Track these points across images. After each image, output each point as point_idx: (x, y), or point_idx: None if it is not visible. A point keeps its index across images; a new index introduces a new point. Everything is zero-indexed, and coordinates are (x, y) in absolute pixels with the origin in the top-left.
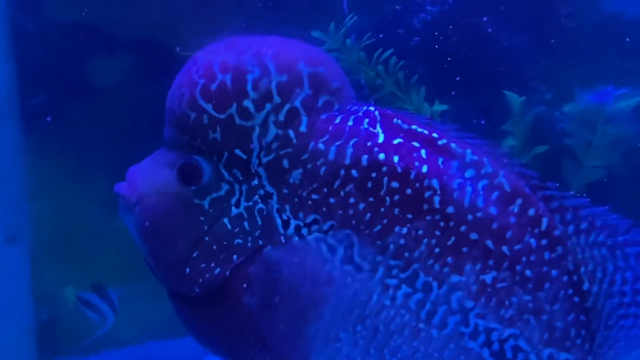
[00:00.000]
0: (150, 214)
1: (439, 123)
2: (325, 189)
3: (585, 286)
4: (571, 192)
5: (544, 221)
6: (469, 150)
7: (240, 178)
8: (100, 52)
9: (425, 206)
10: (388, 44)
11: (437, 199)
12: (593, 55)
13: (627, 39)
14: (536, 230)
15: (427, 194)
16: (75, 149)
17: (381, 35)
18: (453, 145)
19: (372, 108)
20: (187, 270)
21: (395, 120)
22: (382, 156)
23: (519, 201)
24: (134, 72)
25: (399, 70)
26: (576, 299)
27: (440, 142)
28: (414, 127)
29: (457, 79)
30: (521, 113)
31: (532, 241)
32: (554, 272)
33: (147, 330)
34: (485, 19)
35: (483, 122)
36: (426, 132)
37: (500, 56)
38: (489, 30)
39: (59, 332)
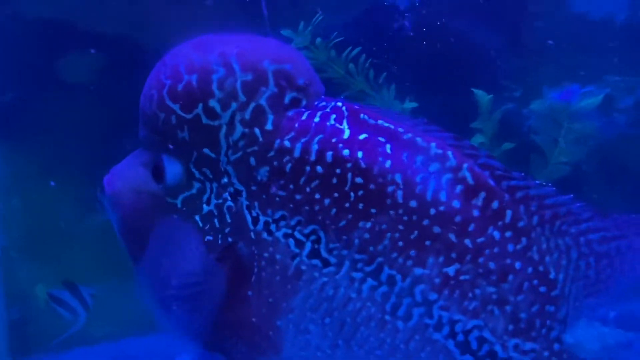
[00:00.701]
0: (127, 212)
1: (407, 117)
2: (291, 186)
3: (552, 275)
4: (536, 181)
5: (508, 213)
6: (433, 144)
7: (211, 176)
8: (71, 49)
9: (389, 201)
10: (360, 43)
11: (400, 193)
12: (561, 54)
13: (594, 39)
14: (500, 223)
15: (390, 189)
16: (46, 146)
17: (353, 34)
18: (418, 139)
19: (339, 104)
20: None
21: (362, 115)
22: (346, 152)
23: (482, 194)
24: (105, 69)
25: (370, 68)
26: (542, 289)
27: (405, 137)
28: (380, 122)
29: (430, 77)
30: (489, 110)
31: (496, 234)
32: (517, 264)
33: (120, 328)
34: (457, 18)
35: (454, 119)
36: (392, 126)
37: (472, 55)
38: (461, 29)
39: (31, 330)
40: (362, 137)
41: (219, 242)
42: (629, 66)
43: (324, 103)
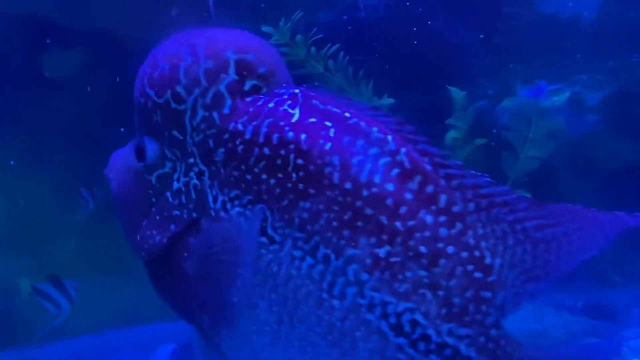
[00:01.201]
0: (117, 189)
1: (357, 103)
2: (242, 166)
3: (488, 260)
4: (472, 171)
5: (443, 198)
6: (375, 129)
7: (180, 156)
8: (53, 45)
9: (326, 182)
10: (339, 40)
11: (336, 175)
12: (533, 53)
13: (563, 38)
14: (433, 207)
15: (327, 170)
16: (29, 141)
17: (333, 31)
18: (362, 124)
19: (297, 91)
20: (138, 237)
21: (314, 101)
22: (291, 135)
23: (417, 178)
24: (87, 65)
25: (349, 65)
26: (478, 274)
27: (351, 121)
28: (330, 107)
29: (408, 74)
30: (463, 107)
31: (429, 217)
32: (450, 249)
33: (104, 320)
34: (434, 19)
35: (431, 116)
36: (340, 111)
37: (448, 54)
38: (438, 29)
39: (15, 322)
40: (309, 121)
41: (185, 216)
42: (596, 65)
43: (283, 90)
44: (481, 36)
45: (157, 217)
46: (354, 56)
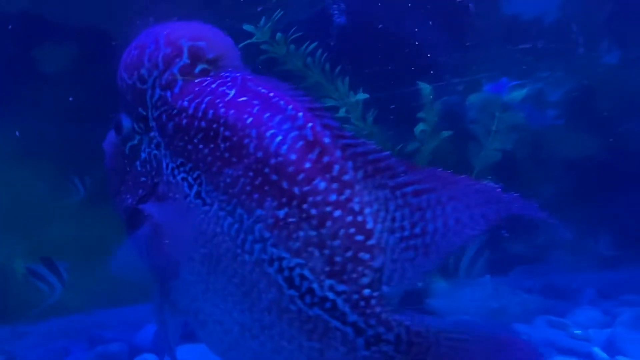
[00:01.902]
0: (106, 159)
1: (283, 86)
2: (186, 137)
3: (369, 225)
4: (363, 140)
5: (336, 167)
6: (290, 107)
7: (144, 130)
8: (45, 41)
9: (244, 151)
10: (316, 38)
11: (252, 145)
12: (499, 51)
13: (527, 37)
14: (327, 175)
15: (246, 141)
16: (24, 130)
17: (311, 30)
18: (282, 102)
19: (238, 74)
20: (117, 199)
21: (249, 84)
22: (222, 110)
23: (317, 149)
24: (79, 59)
25: (326, 62)
26: (359, 237)
27: (273, 100)
28: (260, 89)
29: (384, 71)
30: (431, 101)
31: (322, 184)
32: (337, 213)
33: (94, 300)
34: (408, 17)
35: (405, 110)
36: (267, 92)
37: (420, 51)
38: (413, 28)
39: (10, 301)
40: (240, 99)
41: (149, 182)
42: (557, 62)
43: (227, 74)
44: (453, 36)
45: (130, 183)
46: (331, 54)
